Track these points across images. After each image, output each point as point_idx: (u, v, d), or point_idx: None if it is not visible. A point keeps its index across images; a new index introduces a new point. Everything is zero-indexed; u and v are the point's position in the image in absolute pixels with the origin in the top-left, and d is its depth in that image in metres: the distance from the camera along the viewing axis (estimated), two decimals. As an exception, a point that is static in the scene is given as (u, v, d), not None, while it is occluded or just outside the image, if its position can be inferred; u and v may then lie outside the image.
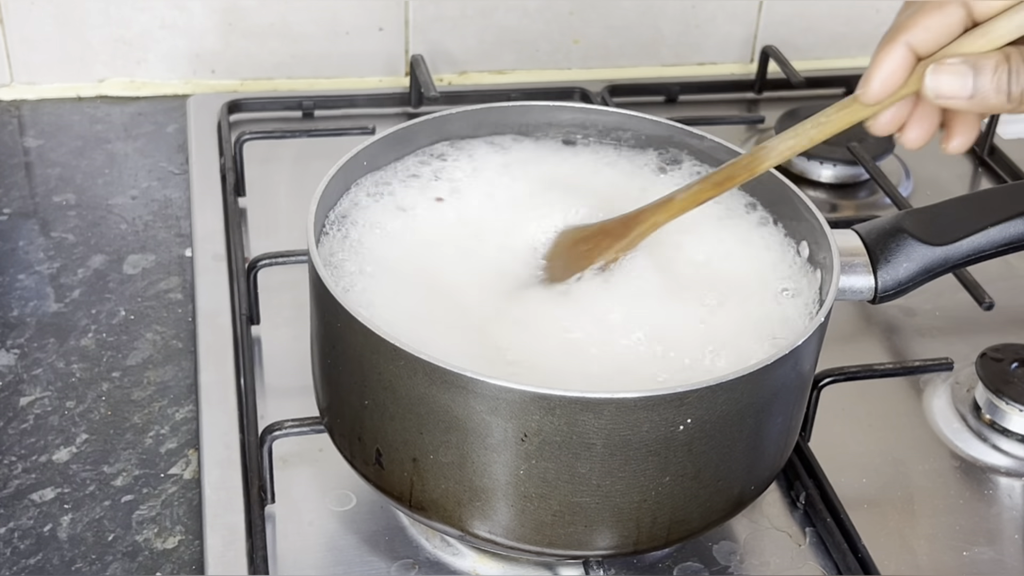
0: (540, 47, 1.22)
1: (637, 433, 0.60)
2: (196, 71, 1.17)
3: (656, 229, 0.70)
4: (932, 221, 0.72)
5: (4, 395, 0.83)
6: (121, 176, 1.06)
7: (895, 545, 0.75)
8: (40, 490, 0.77)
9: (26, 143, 1.10)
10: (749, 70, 1.25)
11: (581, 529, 0.63)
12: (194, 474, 0.78)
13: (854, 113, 0.62)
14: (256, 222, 0.99)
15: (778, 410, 0.65)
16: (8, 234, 0.98)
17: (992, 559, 0.75)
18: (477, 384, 0.59)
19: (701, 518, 0.65)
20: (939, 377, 0.87)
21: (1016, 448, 0.82)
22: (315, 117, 1.13)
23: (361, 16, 1.17)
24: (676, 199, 0.69)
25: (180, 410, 0.83)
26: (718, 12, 1.23)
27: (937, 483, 0.80)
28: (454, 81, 1.22)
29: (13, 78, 1.15)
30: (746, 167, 0.67)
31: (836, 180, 1.09)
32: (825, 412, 0.79)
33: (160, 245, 0.98)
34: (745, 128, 1.17)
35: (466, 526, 0.64)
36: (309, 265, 0.66)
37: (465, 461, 0.62)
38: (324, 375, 0.69)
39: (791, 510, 0.77)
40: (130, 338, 0.89)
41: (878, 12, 1.26)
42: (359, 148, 0.74)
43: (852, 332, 0.92)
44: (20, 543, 0.73)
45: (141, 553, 0.73)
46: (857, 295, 0.71)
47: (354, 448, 0.67)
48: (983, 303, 0.90)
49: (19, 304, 0.91)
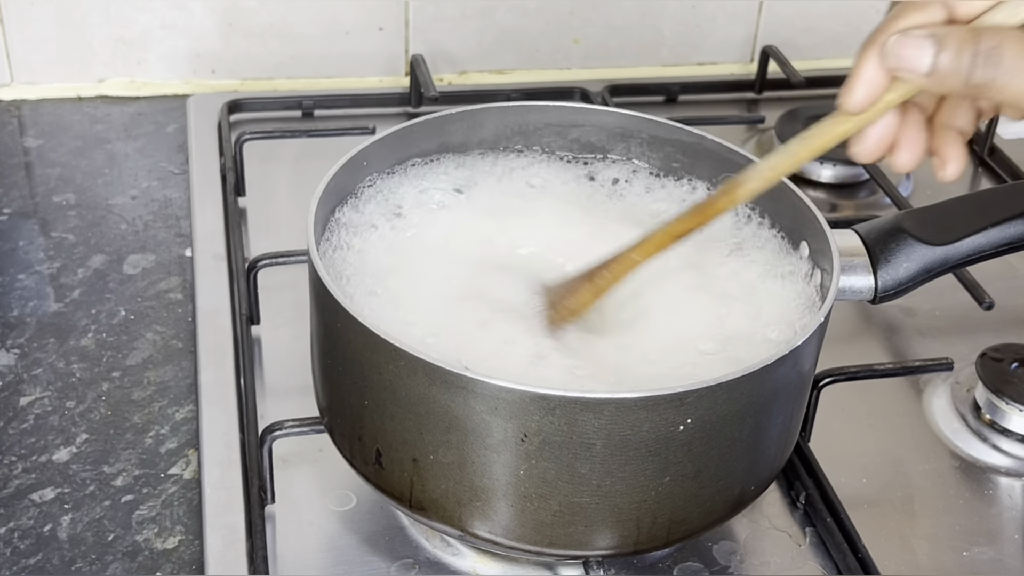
0: (540, 47, 1.22)
1: (637, 433, 0.60)
2: (196, 71, 1.17)
3: (634, 268, 0.67)
4: (932, 221, 0.72)
5: (4, 395, 0.83)
6: (121, 176, 1.06)
7: (895, 545, 0.75)
8: (40, 490, 0.77)
9: (26, 143, 1.10)
10: (749, 70, 1.25)
11: (581, 529, 0.63)
12: (194, 474, 0.78)
13: (839, 126, 0.60)
14: (256, 222, 0.99)
15: (778, 410, 0.65)
16: (8, 234, 0.98)
17: (992, 559, 0.75)
18: (477, 384, 0.59)
19: (701, 518, 0.65)
20: (939, 377, 0.87)
21: (1016, 448, 0.82)
22: (315, 117, 1.13)
23: (361, 16, 1.17)
24: (653, 237, 0.67)
25: (180, 410, 0.83)
26: (718, 12, 1.23)
27: (937, 483, 0.80)
28: (454, 81, 1.22)
29: (13, 78, 1.15)
30: (726, 193, 0.65)
31: (836, 180, 1.09)
32: (825, 412, 0.79)
33: (160, 245, 0.98)
34: (745, 128, 1.17)
35: (466, 526, 0.64)
36: (309, 265, 0.66)
37: (465, 461, 0.62)
38: (324, 375, 0.69)
39: (791, 510, 0.77)
40: (130, 338, 0.89)
41: (878, 12, 1.26)
42: (359, 148, 0.74)
43: (852, 332, 0.92)
44: (20, 543, 0.73)
45: (141, 553, 0.73)
46: (857, 295, 0.71)
47: (354, 448, 0.68)
48: (983, 303, 0.90)
49: (19, 304, 0.91)
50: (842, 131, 0.60)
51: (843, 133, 0.61)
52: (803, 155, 0.62)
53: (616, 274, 0.68)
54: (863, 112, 0.59)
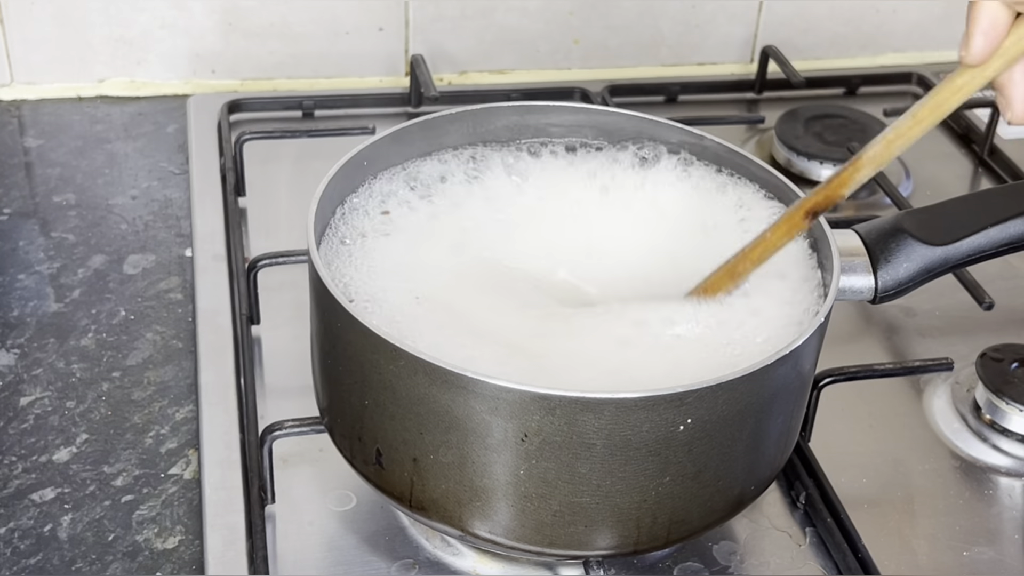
0: (540, 47, 1.22)
1: (637, 433, 0.60)
2: (196, 71, 1.17)
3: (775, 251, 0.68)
4: (932, 221, 0.72)
5: (4, 395, 0.83)
6: (121, 176, 1.06)
7: (895, 545, 0.75)
8: (40, 490, 0.77)
9: (26, 143, 1.10)
10: (749, 70, 1.25)
11: (581, 529, 0.63)
12: (194, 474, 0.78)
13: (962, 82, 0.56)
14: (256, 222, 0.99)
15: (778, 410, 0.65)
16: (8, 234, 0.98)
17: (992, 559, 0.75)
18: (477, 384, 0.59)
19: (701, 518, 0.65)
20: (939, 377, 0.87)
21: (1016, 448, 0.82)
22: (315, 117, 1.13)
23: (361, 16, 1.17)
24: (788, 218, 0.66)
25: (180, 410, 0.83)
26: (718, 12, 1.23)
27: (937, 483, 0.80)
28: (454, 81, 1.22)
29: (13, 78, 1.15)
30: (851, 166, 0.63)
31: (836, 180, 1.09)
32: (825, 412, 0.79)
33: (160, 245, 0.98)
34: (745, 128, 1.17)
35: (466, 526, 0.64)
36: (309, 265, 0.66)
37: (465, 461, 0.62)
38: (324, 375, 0.69)
39: (791, 510, 0.77)
40: (130, 338, 0.89)
41: (878, 12, 1.26)
42: (359, 148, 0.74)
43: (852, 332, 0.92)
44: (20, 543, 0.73)
45: (141, 553, 0.73)
46: (857, 295, 0.71)
47: (354, 448, 0.67)
48: (983, 303, 0.90)
49: (19, 304, 0.91)
50: (965, 87, 0.56)
51: (967, 89, 0.57)
52: (927, 117, 0.59)
53: (757, 258, 0.68)
54: (986, 62, 0.55)
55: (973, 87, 0.57)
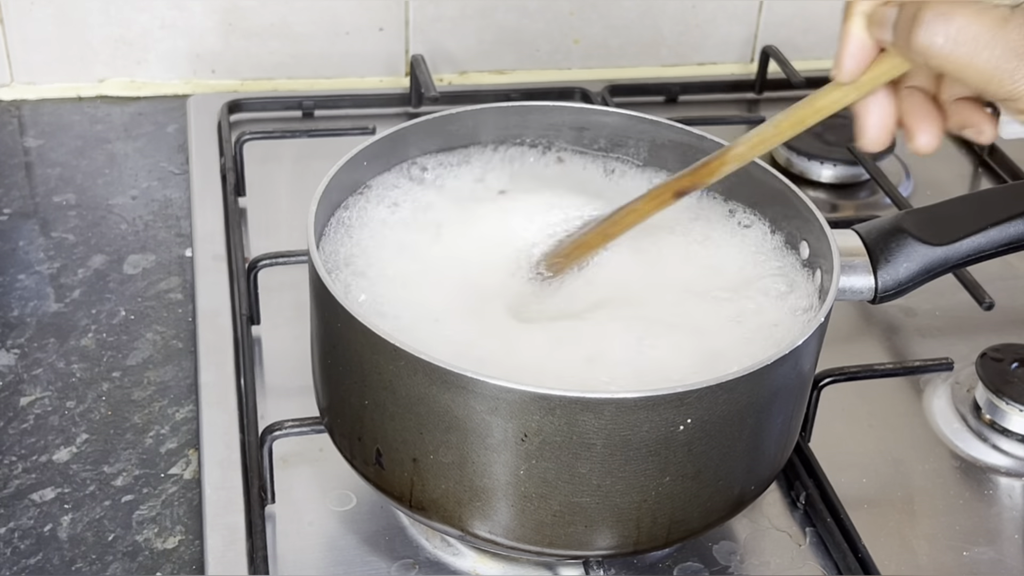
0: (540, 47, 1.22)
1: (637, 433, 0.60)
2: (196, 71, 1.17)
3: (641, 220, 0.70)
4: (932, 221, 0.72)
5: (4, 395, 0.83)
6: (121, 176, 1.06)
7: (895, 545, 0.75)
8: (40, 490, 0.77)
9: (26, 143, 1.10)
10: (749, 70, 1.25)
11: (581, 529, 0.63)
12: (194, 474, 0.78)
13: (832, 95, 0.60)
14: (256, 222, 0.99)
15: (778, 410, 0.65)
16: (8, 234, 0.98)
17: (992, 559, 0.75)
18: (477, 384, 0.59)
19: (701, 518, 0.65)
20: (939, 377, 0.87)
21: (1016, 448, 0.82)
22: (315, 117, 1.13)
23: (361, 16, 1.17)
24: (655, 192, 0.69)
25: (180, 410, 0.83)
26: (718, 12, 1.23)
27: (937, 483, 0.80)
28: (454, 81, 1.22)
29: (13, 78, 1.15)
30: (717, 157, 0.66)
31: (836, 180, 1.09)
32: (825, 412, 0.79)
33: (160, 245, 0.98)
34: (745, 128, 1.16)
35: (466, 526, 0.64)
36: (309, 265, 0.66)
37: (465, 461, 0.62)
38: (324, 375, 0.69)
39: (791, 510, 0.77)
40: (130, 338, 0.89)
41: (878, 12, 1.26)
42: (359, 148, 0.74)
43: (852, 332, 0.92)
44: (20, 543, 0.73)
45: (141, 553, 0.73)
46: (857, 295, 0.71)
47: (354, 448, 0.68)
48: (983, 303, 0.90)
49: (19, 304, 0.91)
50: (831, 100, 0.60)
51: (833, 103, 0.61)
52: (787, 130, 0.63)
53: (629, 224, 0.70)
54: (854, 80, 0.59)
55: (832, 109, 0.61)
